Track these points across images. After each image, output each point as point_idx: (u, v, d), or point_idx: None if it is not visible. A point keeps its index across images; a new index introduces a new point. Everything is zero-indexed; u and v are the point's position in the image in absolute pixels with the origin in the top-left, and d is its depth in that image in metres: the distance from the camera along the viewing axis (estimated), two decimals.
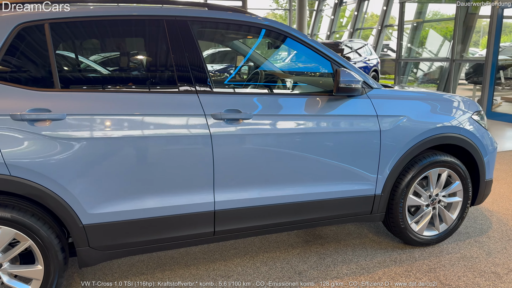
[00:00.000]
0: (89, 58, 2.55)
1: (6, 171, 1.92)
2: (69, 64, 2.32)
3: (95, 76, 2.47)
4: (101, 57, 2.59)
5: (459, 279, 2.55)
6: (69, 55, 2.30)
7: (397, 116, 2.64)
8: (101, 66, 2.55)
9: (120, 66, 2.64)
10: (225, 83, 3.42)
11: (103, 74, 2.55)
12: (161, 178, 2.21)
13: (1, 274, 2.05)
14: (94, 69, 2.54)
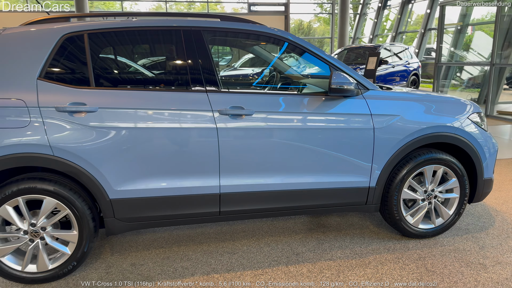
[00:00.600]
0: (118, 61, 3.01)
1: (50, 151, 2.41)
2: (102, 67, 2.78)
3: (122, 76, 2.93)
4: (127, 60, 3.05)
5: (445, 268, 2.74)
6: (101, 59, 2.77)
7: (391, 115, 2.88)
8: (127, 68, 3.01)
9: (143, 68, 3.10)
10: (232, 83, 3.78)
11: (129, 75, 3.01)
12: (174, 163, 2.61)
13: (45, 236, 2.54)
14: (122, 70, 3.00)
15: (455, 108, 3.13)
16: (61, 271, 2.59)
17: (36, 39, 2.51)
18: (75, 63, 2.58)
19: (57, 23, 2.60)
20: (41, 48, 2.49)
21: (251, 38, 3.05)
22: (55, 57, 2.50)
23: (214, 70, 2.71)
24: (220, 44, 3.35)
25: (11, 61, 2.46)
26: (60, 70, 2.54)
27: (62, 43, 2.51)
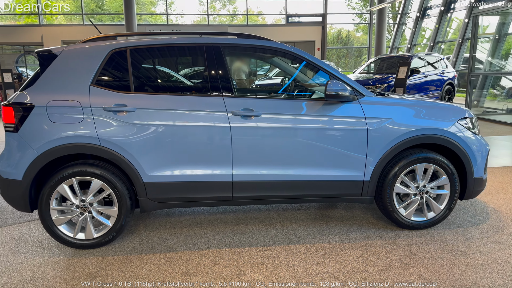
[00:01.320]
0: (152, 71, 3.64)
1: (98, 142, 3.06)
2: (140, 76, 3.41)
3: (156, 83, 3.55)
4: (160, 70, 3.68)
5: (428, 253, 3.11)
6: (139, 69, 3.40)
7: (383, 118, 3.30)
8: (160, 77, 3.64)
9: (173, 78, 3.71)
10: (245, 90, 4.29)
11: (161, 82, 3.63)
12: (196, 154, 3.18)
13: (92, 210, 3.18)
14: (155, 79, 3.62)
15: (445, 113, 3.49)
16: (103, 239, 3.21)
17: (90, 53, 3.19)
18: (119, 72, 3.22)
19: (106, 41, 3.27)
20: (93, 61, 3.15)
21: (259, 52, 3.59)
22: (104, 68, 3.16)
23: (230, 79, 3.27)
24: (238, 57, 3.89)
25: (71, 71, 3.14)
26: (107, 78, 3.20)
27: (110, 57, 3.17)
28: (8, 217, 3.95)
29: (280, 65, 4.15)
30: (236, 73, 4.04)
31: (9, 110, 3.08)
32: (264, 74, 13.41)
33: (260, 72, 13.93)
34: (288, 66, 4.03)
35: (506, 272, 2.81)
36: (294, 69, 3.99)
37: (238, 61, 4.09)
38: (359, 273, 2.82)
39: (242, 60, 4.15)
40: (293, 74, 4.02)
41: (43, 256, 3.13)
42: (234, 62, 4.11)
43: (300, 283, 2.70)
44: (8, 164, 3.10)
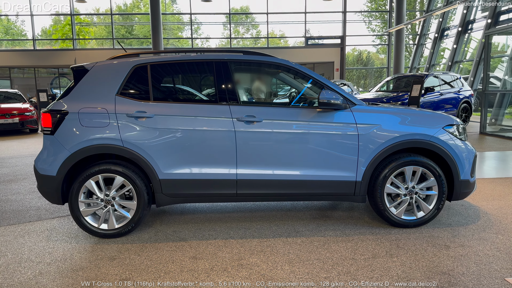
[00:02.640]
0: (168, 83, 4.13)
1: (121, 144, 3.55)
2: (158, 87, 3.91)
3: (171, 94, 4.04)
4: (175, 83, 4.18)
5: (413, 245, 3.40)
6: (158, 81, 3.90)
7: (372, 125, 3.66)
8: (175, 88, 4.14)
9: (186, 89, 4.20)
10: (249, 99, 4.71)
11: (176, 93, 4.12)
12: (205, 155, 3.62)
13: (114, 204, 3.65)
14: (171, 89, 4.12)
15: (431, 120, 3.81)
16: (124, 230, 3.66)
17: (116, 68, 3.72)
18: (140, 84, 3.73)
19: (131, 58, 3.80)
20: (119, 74, 3.68)
21: (263, 66, 4.05)
22: (128, 80, 3.68)
23: (235, 90, 3.73)
24: (244, 71, 4.37)
25: (100, 83, 3.68)
26: (130, 89, 3.71)
27: (133, 71, 3.70)
28: (42, 214, 4.47)
29: (285, 80, 4.58)
30: (256, 92, 4.47)
31: (47, 116, 3.63)
32: (285, 94, 14.02)
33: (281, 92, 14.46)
34: (293, 81, 4.45)
35: (483, 262, 3.07)
36: (297, 83, 4.40)
37: (257, 81, 4.59)
38: (347, 260, 3.15)
39: (262, 81, 4.64)
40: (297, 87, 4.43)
41: (71, 243, 3.60)
42: (254, 82, 4.61)
43: (292, 266, 3.05)
44: (45, 162, 3.63)
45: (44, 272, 3.04)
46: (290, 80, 4.43)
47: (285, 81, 4.51)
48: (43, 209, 4.63)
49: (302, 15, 23.12)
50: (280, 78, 4.61)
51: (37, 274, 3.01)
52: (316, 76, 3.82)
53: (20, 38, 27.14)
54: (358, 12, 25.97)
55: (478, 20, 17.01)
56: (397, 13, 20.23)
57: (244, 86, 4.31)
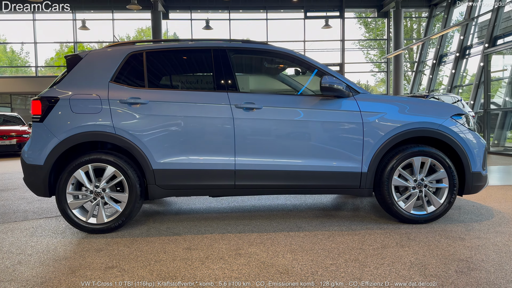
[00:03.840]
0: (164, 70, 3.99)
1: (113, 131, 3.36)
2: (153, 73, 3.76)
3: (167, 81, 3.90)
4: (172, 70, 4.03)
5: (425, 238, 3.14)
6: (153, 68, 3.77)
7: (377, 113, 3.49)
8: (171, 75, 4.00)
9: (183, 77, 4.07)
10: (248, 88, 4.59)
11: (172, 80, 3.98)
12: (202, 144, 3.43)
13: (104, 196, 3.42)
14: (167, 76, 3.97)
15: (438, 109, 3.65)
16: (114, 224, 3.41)
17: (111, 55, 3.59)
18: (135, 71, 3.60)
19: (126, 45, 3.68)
20: (114, 61, 3.55)
21: (262, 54, 3.91)
22: (123, 67, 3.54)
23: (234, 78, 3.58)
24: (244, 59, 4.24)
25: (93, 70, 3.54)
26: (125, 76, 3.56)
27: (128, 58, 3.57)
28: (29, 215, 4.22)
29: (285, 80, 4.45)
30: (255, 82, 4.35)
31: (37, 103, 3.46)
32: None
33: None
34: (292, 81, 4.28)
35: (502, 251, 2.82)
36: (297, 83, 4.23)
37: (257, 71, 4.48)
38: (354, 249, 2.89)
39: (262, 70, 4.52)
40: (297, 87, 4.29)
41: (57, 238, 3.34)
42: (254, 72, 4.50)
43: (295, 255, 2.79)
44: (33, 151, 3.43)
45: (24, 261, 2.77)
46: (290, 81, 4.30)
47: (284, 81, 4.38)
48: (31, 211, 4.37)
49: (301, 43, 23.48)
50: (279, 79, 4.48)
51: (16, 263, 2.74)
52: (319, 65, 3.68)
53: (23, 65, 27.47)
54: (357, 40, 26.41)
55: (475, 45, 17.22)
56: (394, 40, 20.53)
57: (243, 75, 4.18)
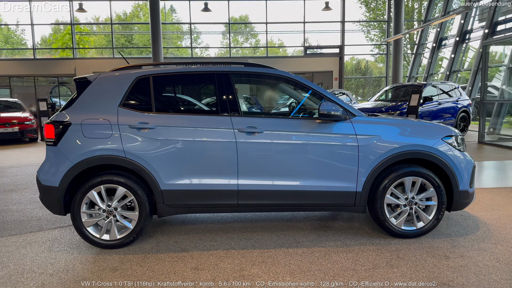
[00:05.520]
0: (170, 95, 4.18)
1: (123, 154, 3.58)
2: (160, 98, 3.96)
3: (173, 105, 4.08)
4: (177, 94, 4.23)
5: (413, 256, 3.42)
6: (160, 93, 3.95)
7: (372, 136, 3.71)
8: (177, 100, 4.18)
9: (188, 100, 4.25)
10: (250, 110, 4.79)
11: (178, 104, 4.16)
12: (207, 166, 3.65)
13: (116, 214, 3.67)
14: (173, 101, 4.16)
15: (430, 131, 3.86)
16: (125, 240, 3.68)
17: (119, 80, 3.77)
18: (143, 96, 3.78)
19: (133, 69, 3.85)
20: (121, 86, 3.73)
21: (263, 78, 4.10)
22: (130, 92, 3.73)
23: (237, 101, 3.77)
24: (245, 83, 4.42)
25: (103, 94, 3.72)
26: (133, 101, 3.75)
27: (136, 83, 3.74)
28: (43, 224, 4.49)
29: (285, 90, 4.64)
30: (257, 103, 4.51)
31: (50, 127, 3.66)
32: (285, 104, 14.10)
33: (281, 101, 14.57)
34: (293, 91, 4.50)
35: (482, 273, 3.09)
36: (297, 94, 4.45)
37: (258, 92, 4.66)
38: (347, 270, 3.17)
39: (262, 92, 4.71)
40: (297, 98, 4.48)
41: (73, 254, 3.61)
42: (256, 94, 4.68)
43: (294, 277, 3.07)
44: (48, 173, 3.65)
45: (47, 283, 3.05)
46: (290, 91, 4.47)
47: (285, 91, 4.55)
48: (44, 219, 4.64)
49: (301, 25, 23.31)
50: (280, 89, 4.66)
51: (40, 285, 3.02)
52: (315, 87, 3.87)
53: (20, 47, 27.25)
54: (357, 22, 26.18)
55: (475, 30, 17.18)
56: (395, 23, 20.44)
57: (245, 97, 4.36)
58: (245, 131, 3.64)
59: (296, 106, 4.27)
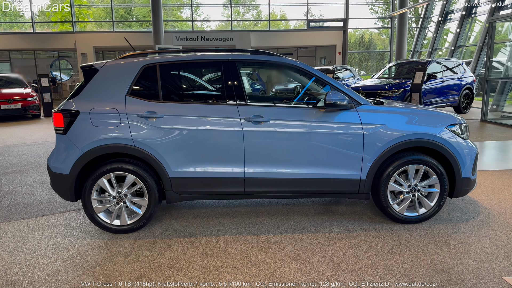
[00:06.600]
0: (178, 83, 4.20)
1: (132, 143, 3.64)
2: (167, 87, 3.98)
3: (181, 93, 4.11)
4: (184, 83, 4.24)
5: (415, 242, 3.53)
6: (167, 82, 3.97)
7: (377, 124, 3.75)
8: (184, 88, 4.20)
9: (195, 89, 4.27)
10: (257, 99, 4.81)
11: (185, 92, 4.19)
12: (214, 154, 3.72)
13: (126, 201, 3.77)
14: (180, 89, 4.18)
15: (435, 119, 3.89)
16: (135, 226, 3.79)
17: (126, 68, 3.78)
18: (150, 84, 3.80)
19: (139, 57, 3.85)
20: (129, 74, 3.74)
21: (269, 66, 4.10)
22: (138, 81, 3.75)
23: (243, 90, 3.79)
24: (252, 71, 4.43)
25: (110, 83, 3.74)
26: (140, 89, 3.78)
27: (142, 71, 3.75)
28: (54, 207, 4.60)
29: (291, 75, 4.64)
30: (263, 91, 4.52)
31: (59, 116, 3.70)
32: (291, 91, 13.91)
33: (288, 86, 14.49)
34: (299, 79, 4.48)
35: (481, 260, 3.21)
36: (301, 80, 4.44)
37: (265, 80, 4.66)
38: (351, 257, 3.28)
39: (269, 80, 4.72)
40: (303, 82, 4.49)
41: (85, 239, 3.73)
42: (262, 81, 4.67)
43: (299, 264, 3.19)
44: (58, 161, 3.72)
45: (62, 269, 3.17)
46: (296, 76, 4.47)
47: (290, 76, 4.55)
48: (55, 202, 4.75)
49: None
50: (287, 74, 4.66)
51: (56, 271, 3.14)
52: (321, 75, 3.88)
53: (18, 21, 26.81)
54: None
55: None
56: None
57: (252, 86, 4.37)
58: (251, 120, 3.68)
59: (302, 93, 4.28)
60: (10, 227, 4.05)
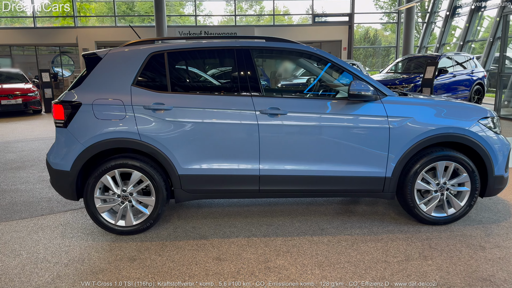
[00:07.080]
0: (187, 72, 3.91)
1: (138, 137, 3.34)
2: (176, 77, 3.68)
3: (190, 84, 3.81)
4: (194, 72, 3.95)
5: (447, 246, 3.24)
6: (176, 71, 3.67)
7: (404, 117, 3.45)
8: (194, 78, 3.90)
9: (205, 78, 3.97)
10: (273, 90, 4.51)
11: (195, 83, 3.89)
12: (227, 150, 3.42)
13: (132, 200, 3.48)
14: (190, 79, 3.89)
15: (466, 112, 3.59)
16: (142, 227, 3.50)
17: (131, 56, 3.48)
18: (157, 74, 3.50)
19: (146, 45, 3.55)
20: (134, 63, 3.45)
21: (286, 54, 3.80)
22: (144, 70, 3.45)
23: (258, 80, 3.49)
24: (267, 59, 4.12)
25: (114, 72, 3.45)
26: (147, 79, 3.48)
27: (149, 60, 3.46)
28: (54, 206, 4.32)
29: (306, 66, 4.34)
30: (279, 81, 4.23)
31: (59, 107, 3.41)
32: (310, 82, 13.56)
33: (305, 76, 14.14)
34: (314, 67, 4.20)
35: None
36: (319, 69, 4.16)
37: (281, 69, 4.34)
38: (379, 263, 2.99)
39: (285, 69, 4.40)
40: (318, 74, 4.19)
41: (87, 241, 3.45)
42: (278, 71, 4.36)
43: (323, 270, 2.90)
44: (58, 156, 3.44)
45: (63, 274, 2.89)
46: (315, 65, 4.17)
47: (309, 65, 4.25)
48: (55, 201, 4.47)
49: None
50: (304, 65, 4.36)
51: (55, 277, 2.86)
52: (344, 64, 3.57)
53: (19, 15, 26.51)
54: None
55: None
56: None
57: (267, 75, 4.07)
58: (267, 113, 3.38)
59: (319, 84, 3.98)
60: (7, 227, 3.77)
